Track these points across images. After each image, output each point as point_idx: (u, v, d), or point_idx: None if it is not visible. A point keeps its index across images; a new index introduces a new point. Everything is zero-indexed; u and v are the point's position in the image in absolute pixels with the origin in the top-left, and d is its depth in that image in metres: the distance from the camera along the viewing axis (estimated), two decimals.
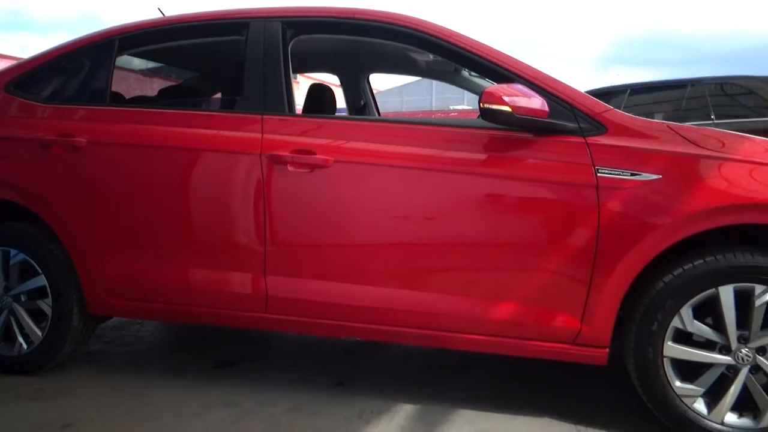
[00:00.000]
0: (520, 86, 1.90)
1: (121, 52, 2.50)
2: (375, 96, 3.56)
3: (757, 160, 1.84)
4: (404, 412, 2.08)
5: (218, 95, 3.53)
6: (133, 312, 2.44)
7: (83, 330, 2.42)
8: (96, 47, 2.45)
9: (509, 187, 1.94)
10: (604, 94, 6.21)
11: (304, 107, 2.77)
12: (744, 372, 1.80)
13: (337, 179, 2.05)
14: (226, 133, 2.18)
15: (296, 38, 2.29)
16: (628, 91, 6.16)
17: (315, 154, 2.05)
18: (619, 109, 2.09)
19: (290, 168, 2.07)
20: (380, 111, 3.66)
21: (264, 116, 2.16)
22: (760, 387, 1.80)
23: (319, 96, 2.74)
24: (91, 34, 2.51)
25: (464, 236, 1.98)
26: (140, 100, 2.85)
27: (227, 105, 2.80)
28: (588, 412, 2.08)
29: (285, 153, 2.07)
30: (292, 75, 2.25)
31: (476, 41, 2.08)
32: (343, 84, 3.48)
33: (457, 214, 1.98)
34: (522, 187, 1.93)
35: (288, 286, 2.12)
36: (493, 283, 1.98)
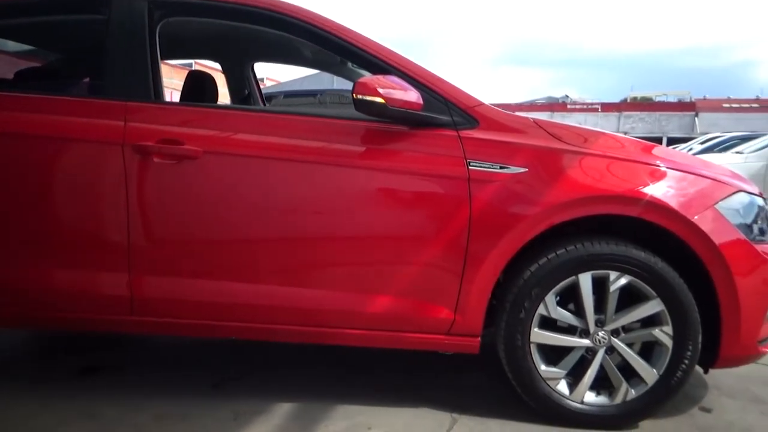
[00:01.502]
0: (395, 78, 1.89)
1: None
2: (260, 86, 3.44)
3: (615, 155, 1.97)
4: (281, 411, 2.02)
5: (87, 79, 3.24)
6: None
7: None
8: None
9: (385, 180, 1.93)
10: (269, 97, 7.27)
11: (181, 95, 2.62)
12: (600, 353, 1.93)
13: (208, 171, 1.94)
14: (85, 120, 1.99)
15: (165, 20, 2.13)
16: (282, 95, 7.61)
17: (183, 144, 1.93)
18: None
19: (155, 159, 1.93)
20: (265, 101, 3.54)
21: (127, 103, 1.99)
22: (614, 366, 1.93)
23: (198, 84, 2.59)
24: None
25: (340, 230, 1.95)
26: None
27: (89, 90, 2.59)
28: (463, 399, 2.13)
29: (149, 143, 1.93)
30: (160, 58, 2.09)
31: (353, 31, 2.05)
32: (225, 72, 3.32)
33: (332, 208, 1.94)
34: (397, 180, 1.93)
35: (155, 286, 1.98)
36: (371, 277, 1.97)
